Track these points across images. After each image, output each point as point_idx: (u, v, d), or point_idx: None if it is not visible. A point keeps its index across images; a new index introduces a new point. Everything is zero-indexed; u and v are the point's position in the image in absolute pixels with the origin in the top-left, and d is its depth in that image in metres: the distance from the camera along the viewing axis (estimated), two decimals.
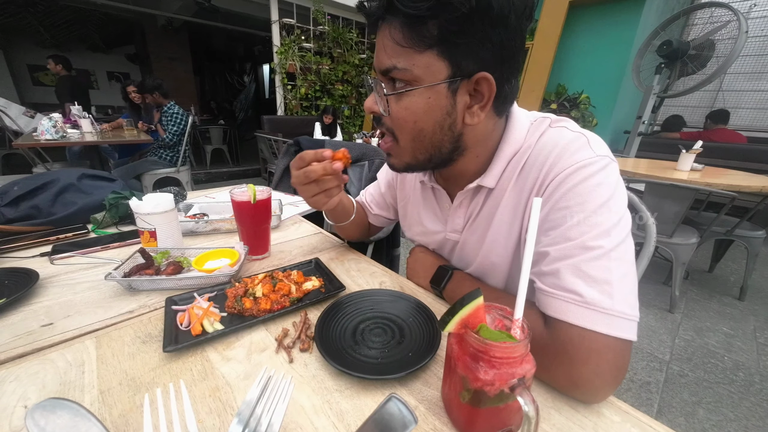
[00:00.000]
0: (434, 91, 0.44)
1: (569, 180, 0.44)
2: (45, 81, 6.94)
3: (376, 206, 0.83)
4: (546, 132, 0.50)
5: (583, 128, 0.49)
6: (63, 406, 0.27)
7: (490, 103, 0.45)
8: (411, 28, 0.41)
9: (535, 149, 0.50)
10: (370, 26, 0.46)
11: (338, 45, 5.07)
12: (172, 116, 3.10)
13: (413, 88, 0.44)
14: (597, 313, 0.39)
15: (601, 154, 0.44)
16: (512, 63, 0.44)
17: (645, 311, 2.00)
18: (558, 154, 0.46)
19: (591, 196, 0.42)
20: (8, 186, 0.89)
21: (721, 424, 1.28)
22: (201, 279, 0.63)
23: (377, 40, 0.46)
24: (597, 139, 0.47)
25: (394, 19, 0.42)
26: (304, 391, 0.41)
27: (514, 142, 0.51)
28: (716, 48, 2.67)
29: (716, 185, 1.71)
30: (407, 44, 0.42)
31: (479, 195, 0.56)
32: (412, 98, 0.45)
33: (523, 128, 0.51)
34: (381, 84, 0.47)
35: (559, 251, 0.43)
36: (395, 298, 0.58)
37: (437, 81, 0.43)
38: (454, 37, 0.40)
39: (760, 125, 4.25)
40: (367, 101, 0.50)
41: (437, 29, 0.40)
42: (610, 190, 0.43)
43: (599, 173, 0.43)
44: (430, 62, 0.42)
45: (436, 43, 0.41)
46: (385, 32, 0.44)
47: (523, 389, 0.30)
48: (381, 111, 0.49)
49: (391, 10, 0.42)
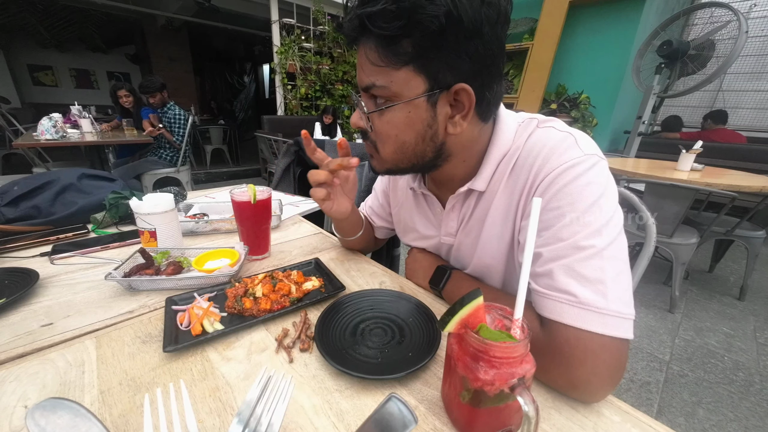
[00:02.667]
0: (413, 105, 0.45)
1: (559, 180, 0.44)
2: (45, 81, 6.95)
3: (377, 218, 0.82)
4: (534, 133, 0.50)
5: (571, 127, 0.50)
6: (63, 406, 0.27)
7: (471, 112, 0.45)
8: (385, 47, 0.42)
9: (524, 150, 0.50)
10: (349, 45, 0.47)
11: (338, 45, 5.07)
12: (175, 118, 3.08)
13: (393, 104, 0.45)
14: (591, 313, 0.39)
15: (590, 153, 0.44)
16: (492, 70, 0.44)
17: (645, 311, 2.00)
18: (547, 155, 0.46)
19: (581, 196, 0.43)
20: (8, 186, 0.89)
21: (721, 424, 1.28)
22: (201, 279, 0.63)
23: (358, 59, 0.47)
24: (585, 138, 0.47)
25: (369, 40, 0.43)
26: (304, 391, 0.41)
27: (502, 145, 0.51)
28: (716, 48, 2.67)
29: (716, 185, 1.71)
30: (383, 63, 0.43)
31: (470, 198, 0.56)
32: (393, 113, 0.46)
33: (510, 130, 0.52)
34: (362, 101, 0.48)
35: (551, 252, 0.43)
36: (395, 298, 0.58)
37: (415, 96, 0.44)
38: (429, 53, 0.41)
39: (760, 125, 4.25)
40: (353, 117, 0.52)
41: (411, 46, 0.41)
42: (600, 188, 0.43)
43: (588, 172, 0.43)
44: (408, 78, 0.43)
45: (411, 60, 0.41)
46: (362, 52, 0.44)
47: (523, 389, 0.30)
48: (365, 126, 0.50)
49: (364, 32, 0.43)
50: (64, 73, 7.14)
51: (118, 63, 7.67)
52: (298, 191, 1.45)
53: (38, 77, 6.87)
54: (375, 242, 0.87)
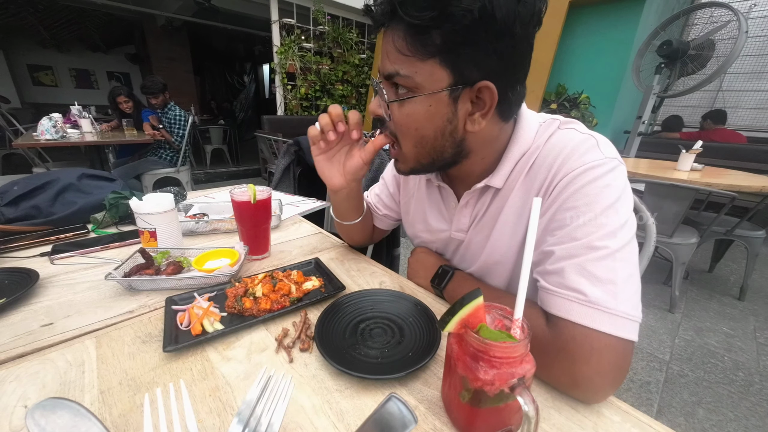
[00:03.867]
0: (435, 99, 0.44)
1: (577, 181, 0.44)
2: (45, 81, 6.95)
3: (383, 206, 0.80)
4: (555, 133, 0.50)
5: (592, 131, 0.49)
6: (63, 406, 0.27)
7: (492, 110, 0.45)
8: (414, 36, 0.41)
9: (544, 150, 0.50)
10: (376, 29, 0.46)
11: (338, 45, 5.07)
12: (175, 118, 3.07)
13: (415, 96, 0.44)
14: (600, 312, 0.39)
15: (610, 156, 0.45)
16: (518, 70, 0.44)
17: (645, 311, 1.96)
18: (567, 156, 0.46)
19: (598, 198, 0.43)
20: (8, 186, 0.89)
21: (720, 424, 1.28)
22: (201, 279, 0.63)
23: (382, 44, 0.46)
24: (606, 142, 0.47)
25: (398, 27, 0.42)
26: (304, 391, 0.41)
27: (523, 143, 0.51)
28: (716, 48, 2.67)
29: (716, 185, 1.71)
30: (410, 52, 0.42)
31: (486, 195, 0.56)
32: (414, 105, 0.45)
33: (531, 130, 0.52)
34: (383, 89, 0.47)
35: (564, 250, 0.43)
36: (395, 298, 0.58)
37: (439, 89, 0.43)
38: (457, 47, 0.40)
39: (760, 125, 4.25)
40: (372, 104, 0.51)
41: (440, 39, 0.40)
42: (618, 192, 0.43)
43: (607, 175, 0.43)
44: (433, 70, 0.42)
45: (438, 52, 0.41)
46: (389, 38, 0.44)
47: (523, 389, 0.30)
48: (384, 115, 0.49)
49: (394, 18, 0.42)
50: (64, 73, 7.14)
51: (118, 63, 7.67)
52: (298, 191, 1.45)
53: (38, 77, 6.87)
54: (373, 233, 0.83)
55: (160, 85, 3.02)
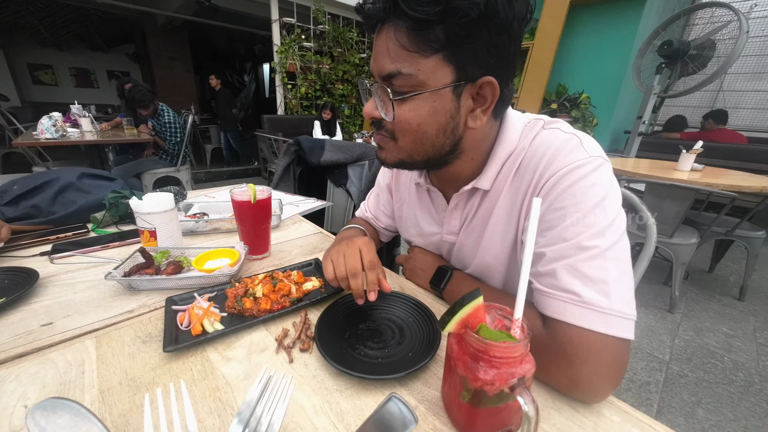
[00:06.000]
0: (439, 96, 0.44)
1: (563, 181, 0.44)
2: (45, 80, 6.95)
3: (383, 216, 0.80)
4: (539, 133, 0.50)
5: (576, 129, 0.50)
6: (63, 406, 0.27)
7: (493, 106, 0.45)
8: (417, 32, 0.40)
9: (529, 151, 0.50)
10: (369, 28, 0.45)
11: (338, 44, 5.07)
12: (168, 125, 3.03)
13: (419, 93, 0.44)
14: (595, 312, 0.39)
15: (594, 155, 0.45)
16: (511, 66, 0.45)
17: (645, 311, 2.00)
18: (552, 156, 0.46)
19: (585, 197, 0.43)
20: (8, 185, 0.89)
21: (720, 424, 1.29)
22: (201, 279, 0.63)
23: (377, 44, 0.45)
24: (590, 140, 0.47)
25: (400, 23, 0.41)
26: (304, 391, 0.41)
27: (508, 144, 0.51)
28: (717, 48, 2.67)
29: (716, 185, 1.71)
30: (413, 48, 0.41)
31: (475, 197, 0.56)
32: (417, 102, 0.45)
33: (516, 130, 0.52)
34: (386, 89, 0.45)
35: (555, 252, 0.43)
36: (395, 298, 0.58)
37: (442, 85, 0.43)
38: (461, 42, 0.40)
39: (761, 125, 4.25)
40: (366, 106, 0.49)
41: (444, 34, 0.40)
42: (604, 190, 0.43)
43: (593, 173, 0.44)
44: (436, 67, 0.42)
45: (442, 48, 0.41)
46: (389, 35, 0.42)
47: (522, 389, 0.30)
48: (383, 116, 0.47)
49: (396, 13, 0.41)
50: (63, 72, 7.14)
51: (118, 62, 7.67)
52: (298, 191, 1.45)
53: (38, 76, 6.87)
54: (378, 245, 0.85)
55: (149, 94, 2.98)
